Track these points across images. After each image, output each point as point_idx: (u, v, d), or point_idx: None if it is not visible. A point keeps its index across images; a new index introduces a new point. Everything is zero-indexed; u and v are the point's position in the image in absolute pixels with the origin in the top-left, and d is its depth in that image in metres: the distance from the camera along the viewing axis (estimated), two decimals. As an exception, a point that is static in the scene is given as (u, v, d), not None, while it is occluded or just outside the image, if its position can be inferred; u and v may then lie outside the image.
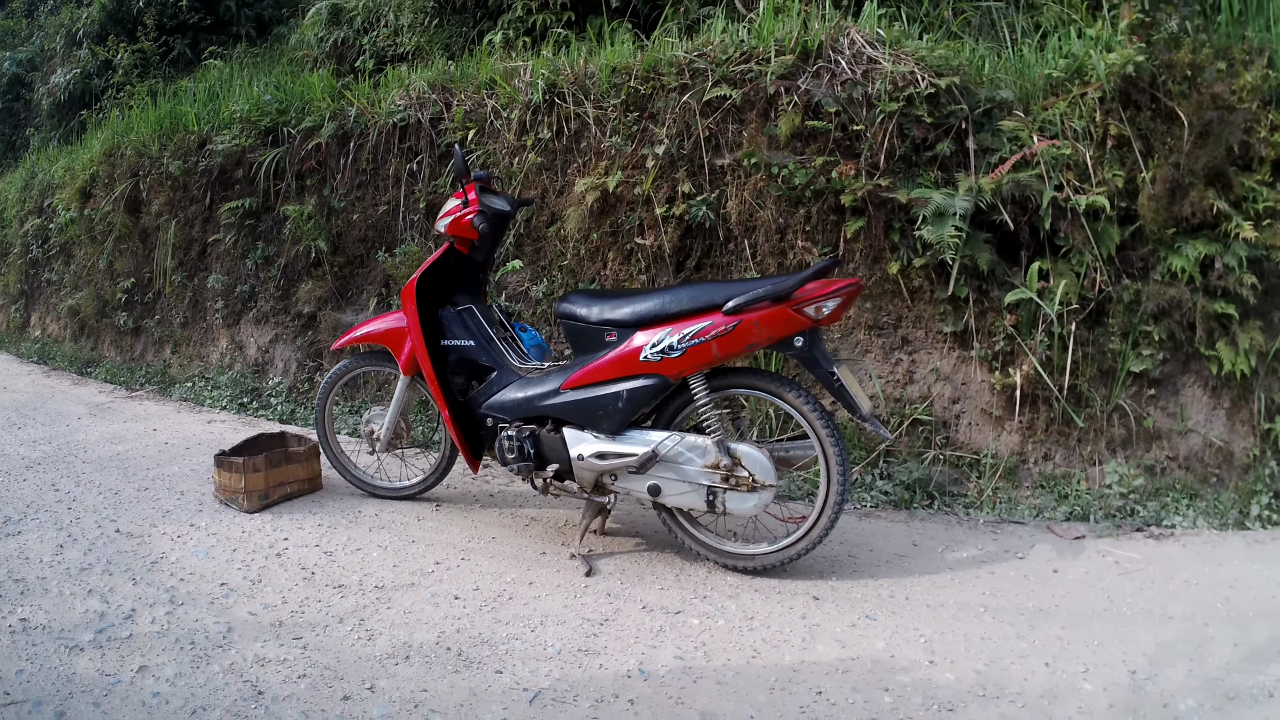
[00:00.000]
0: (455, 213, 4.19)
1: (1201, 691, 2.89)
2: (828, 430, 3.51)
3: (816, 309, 3.38)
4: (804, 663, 3.05)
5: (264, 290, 7.30)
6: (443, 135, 6.25)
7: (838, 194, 4.84)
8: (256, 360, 7.33)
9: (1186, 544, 4.14)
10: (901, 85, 4.78)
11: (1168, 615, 3.44)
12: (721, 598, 3.55)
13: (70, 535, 4.14)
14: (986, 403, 4.82)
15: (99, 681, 2.84)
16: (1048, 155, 4.61)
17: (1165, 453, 4.63)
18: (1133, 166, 4.67)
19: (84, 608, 3.37)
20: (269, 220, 7.21)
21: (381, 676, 2.92)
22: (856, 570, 3.84)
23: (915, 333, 4.93)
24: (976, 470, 4.77)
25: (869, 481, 4.78)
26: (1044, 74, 4.96)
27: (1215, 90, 4.59)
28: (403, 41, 8.22)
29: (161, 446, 5.76)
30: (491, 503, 4.68)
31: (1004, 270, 4.75)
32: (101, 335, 9.05)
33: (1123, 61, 4.62)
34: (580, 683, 2.90)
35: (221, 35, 11.02)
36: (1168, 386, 4.67)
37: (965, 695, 2.86)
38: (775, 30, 5.22)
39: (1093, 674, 2.99)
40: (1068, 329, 4.63)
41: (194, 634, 3.18)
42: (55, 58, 12.50)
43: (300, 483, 4.75)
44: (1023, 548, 4.10)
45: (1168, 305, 4.55)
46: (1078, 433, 4.71)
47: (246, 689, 2.83)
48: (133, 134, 8.60)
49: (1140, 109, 4.74)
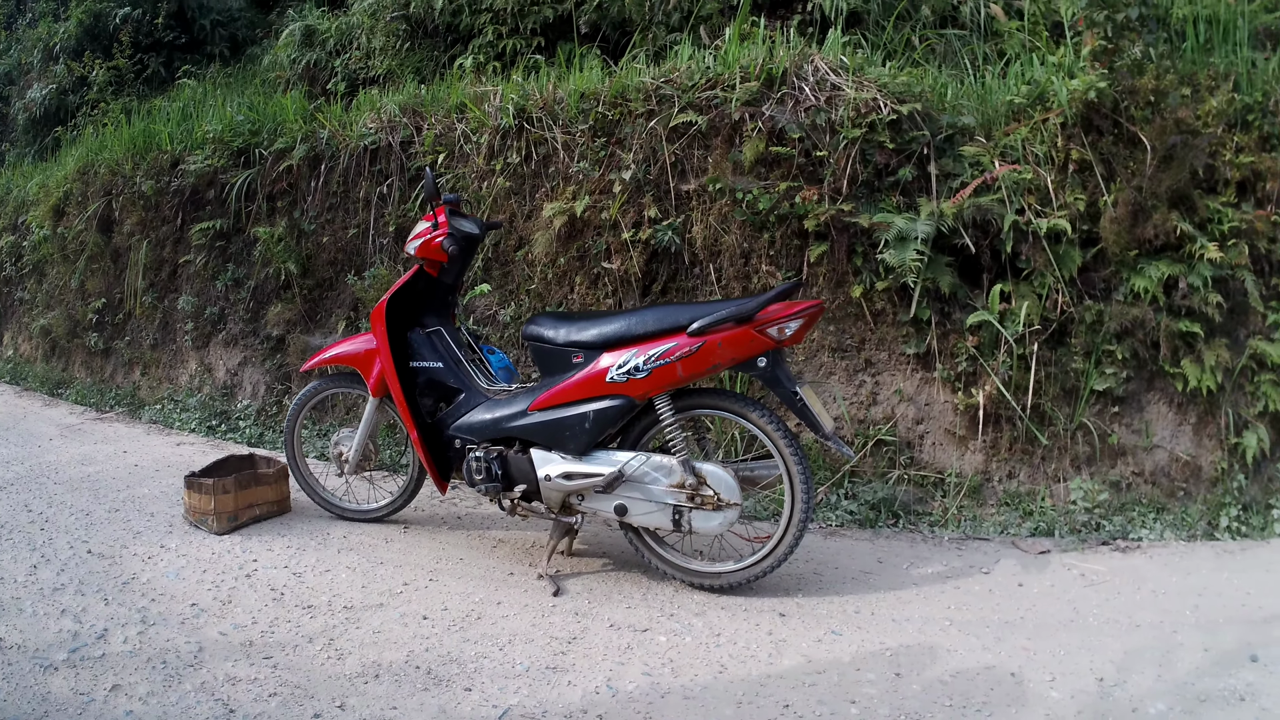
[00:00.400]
0: (425, 235, 4.22)
1: (1171, 696, 2.94)
2: (792, 449, 3.56)
3: (779, 330, 3.44)
4: (771, 677, 3.08)
5: (233, 312, 7.27)
6: (413, 159, 6.26)
7: (801, 219, 4.89)
8: (225, 383, 7.31)
9: (1153, 556, 4.21)
10: (864, 112, 4.84)
11: (1135, 624, 3.49)
12: (688, 615, 3.57)
13: (44, 556, 4.14)
14: (950, 423, 4.87)
15: (73, 700, 2.86)
16: (1009, 180, 4.68)
17: (1130, 468, 4.70)
18: (1094, 190, 4.74)
19: (58, 627, 3.38)
20: (239, 242, 7.19)
21: (351, 694, 2.94)
22: (822, 587, 3.88)
23: (878, 355, 4.98)
24: (941, 489, 4.82)
25: (834, 501, 4.81)
26: (1006, 100, 5.03)
27: (1179, 115, 4.67)
28: (374, 65, 8.22)
29: (131, 468, 5.74)
30: (459, 524, 4.69)
31: (966, 293, 4.82)
32: (73, 356, 8.99)
33: (1085, 87, 4.69)
34: (549, 700, 2.92)
35: (195, 55, 10.97)
36: (1132, 404, 4.74)
37: (932, 706, 2.90)
38: (741, 57, 5.28)
39: (1060, 682, 3.04)
40: (1030, 349, 4.69)
41: (166, 654, 3.19)
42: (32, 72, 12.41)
43: (269, 505, 4.74)
44: (988, 563, 4.14)
45: (1131, 325, 4.62)
46: (1042, 450, 4.76)
47: (218, 708, 2.84)
48: (106, 152, 8.55)
49: (1102, 134, 4.82)
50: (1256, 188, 4.75)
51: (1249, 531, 4.44)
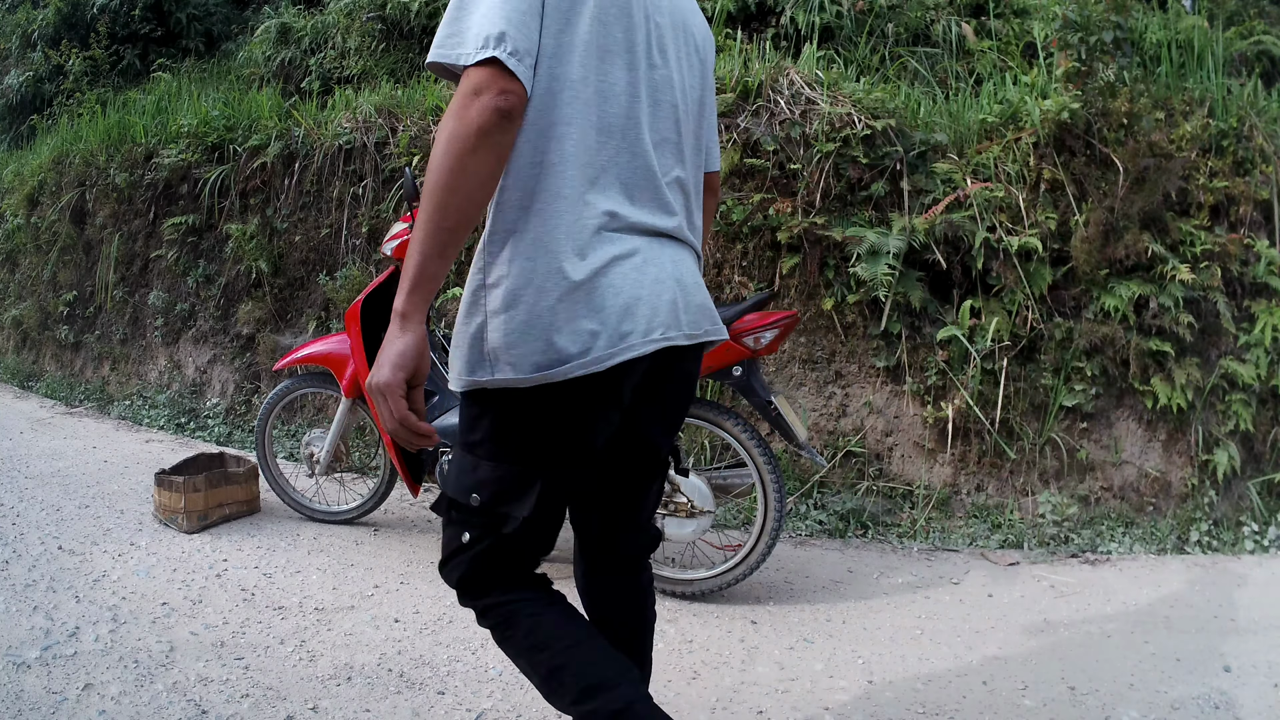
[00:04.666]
0: (402, 236, 4.18)
1: (1144, 704, 2.97)
2: (765, 458, 3.58)
3: (755, 339, 3.47)
4: (744, 684, 3.09)
5: (204, 309, 7.22)
6: (388, 160, 6.23)
7: (774, 231, 4.91)
8: (195, 380, 7.25)
9: (1123, 569, 4.24)
10: (839, 126, 4.87)
11: (1106, 634, 3.52)
12: (660, 622, 3.56)
13: (15, 551, 4.10)
14: (919, 435, 4.90)
15: (46, 699, 2.83)
16: (981, 197, 4.71)
17: (1099, 483, 4.74)
18: (1066, 209, 4.79)
19: (29, 624, 3.35)
20: (211, 238, 7.14)
21: (324, 697, 2.92)
22: (793, 596, 3.89)
23: (848, 367, 5.00)
24: (910, 501, 4.84)
25: (804, 511, 4.83)
26: (979, 119, 5.07)
27: (1153, 138, 4.71)
28: (349, 64, 8.19)
29: (101, 464, 5.69)
30: (429, 528, 4.67)
31: (936, 308, 4.85)
32: (43, 348, 8.90)
33: (1058, 108, 4.74)
34: (523, 704, 2.91)
35: (171, 48, 10.89)
36: (1101, 420, 4.78)
37: (905, 713, 2.91)
38: (716, 69, 5.28)
39: (1031, 690, 3.06)
40: (999, 365, 4.72)
41: (137, 653, 3.17)
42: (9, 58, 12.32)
43: (239, 504, 4.70)
44: (957, 574, 4.17)
45: (1100, 342, 4.66)
46: (1010, 464, 4.80)
47: (190, 708, 2.82)
48: (81, 143, 8.49)
49: (1075, 154, 4.86)
50: (1229, 212, 4.82)
51: (1220, 547, 4.49)
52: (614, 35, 1.73)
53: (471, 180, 1.57)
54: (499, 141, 1.57)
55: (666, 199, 1.86)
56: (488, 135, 1.55)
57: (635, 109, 1.78)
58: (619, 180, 1.76)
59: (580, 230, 1.69)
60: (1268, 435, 4.80)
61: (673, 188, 1.89)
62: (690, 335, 1.86)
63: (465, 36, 1.59)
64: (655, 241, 1.82)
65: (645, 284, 1.75)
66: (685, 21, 1.95)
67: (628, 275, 1.73)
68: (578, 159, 1.69)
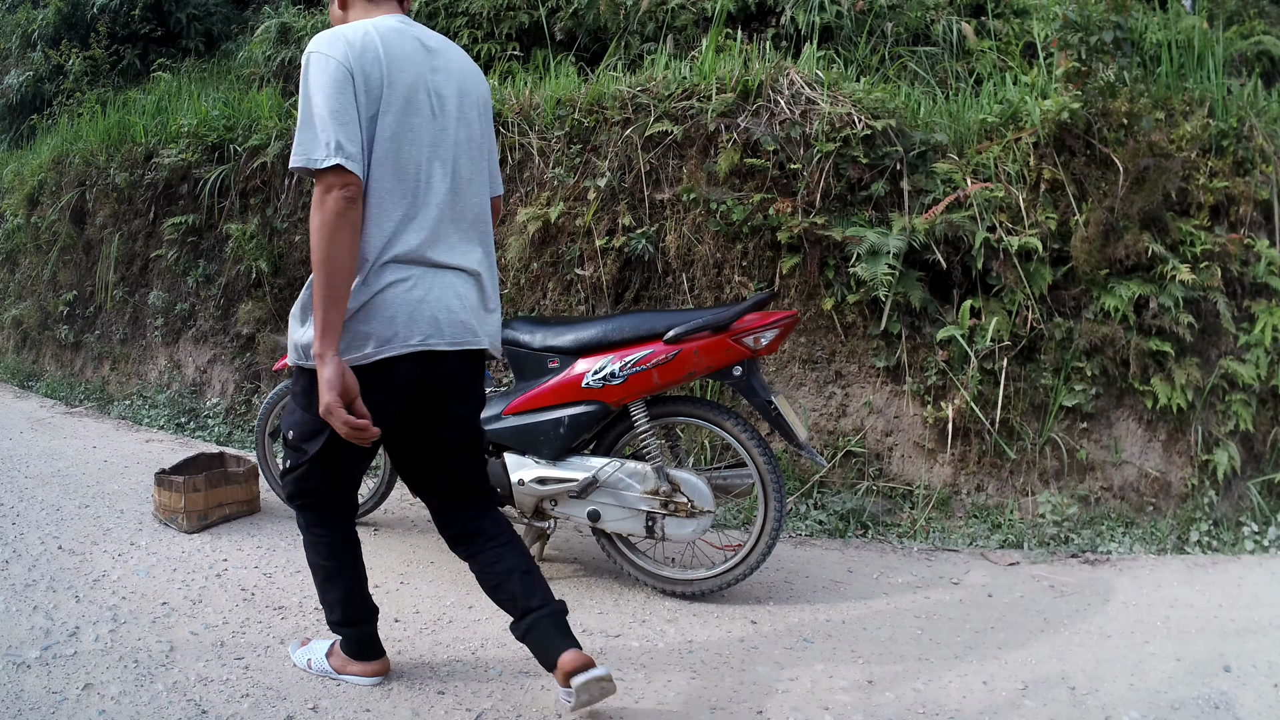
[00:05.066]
0: None
1: (1144, 704, 2.97)
2: (765, 458, 3.58)
3: (755, 339, 3.47)
4: (744, 683, 3.09)
5: (204, 309, 7.22)
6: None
7: (774, 230, 4.91)
8: (195, 380, 7.25)
9: (1123, 569, 4.24)
10: (839, 126, 4.86)
11: (1106, 634, 3.52)
12: (660, 622, 3.58)
13: (15, 551, 4.11)
14: (919, 435, 4.90)
15: (46, 699, 2.84)
16: (981, 197, 4.71)
17: (1099, 483, 4.74)
18: (1066, 209, 4.79)
19: (29, 624, 3.36)
20: (211, 238, 7.14)
21: (324, 697, 2.92)
22: (793, 596, 3.89)
23: (848, 367, 5.00)
24: (910, 501, 4.84)
25: (804, 511, 4.83)
26: (979, 119, 5.07)
27: (1153, 139, 4.71)
28: (350, 65, 8.17)
29: (101, 464, 5.70)
30: (429, 528, 4.65)
31: (936, 308, 4.85)
32: (43, 348, 8.90)
33: (1058, 108, 4.73)
34: (523, 704, 2.92)
35: (171, 48, 10.86)
36: (1101, 420, 4.78)
37: (905, 713, 2.91)
38: (717, 69, 5.29)
39: (1032, 691, 3.06)
40: (999, 365, 4.72)
41: (137, 653, 3.17)
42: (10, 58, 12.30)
43: (239, 504, 4.71)
44: (957, 574, 4.17)
45: (1100, 342, 4.66)
46: (1010, 464, 4.80)
47: (190, 708, 2.82)
48: (81, 142, 8.49)
49: (1075, 154, 4.86)
50: (1229, 212, 4.82)
51: (1220, 547, 4.49)
52: (408, 119, 2.43)
53: (340, 250, 2.27)
54: (351, 220, 2.28)
55: (450, 238, 2.54)
56: (343, 216, 2.26)
57: (426, 171, 2.47)
58: (407, 225, 2.44)
59: (369, 264, 2.39)
60: (1268, 435, 4.80)
61: (460, 226, 2.58)
62: (452, 343, 2.52)
63: (315, 145, 2.27)
64: (431, 271, 2.49)
65: (411, 303, 2.43)
66: (461, 86, 2.60)
67: (399, 296, 2.42)
68: (378, 213, 2.39)
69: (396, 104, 2.39)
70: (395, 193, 2.41)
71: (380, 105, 2.37)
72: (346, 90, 2.31)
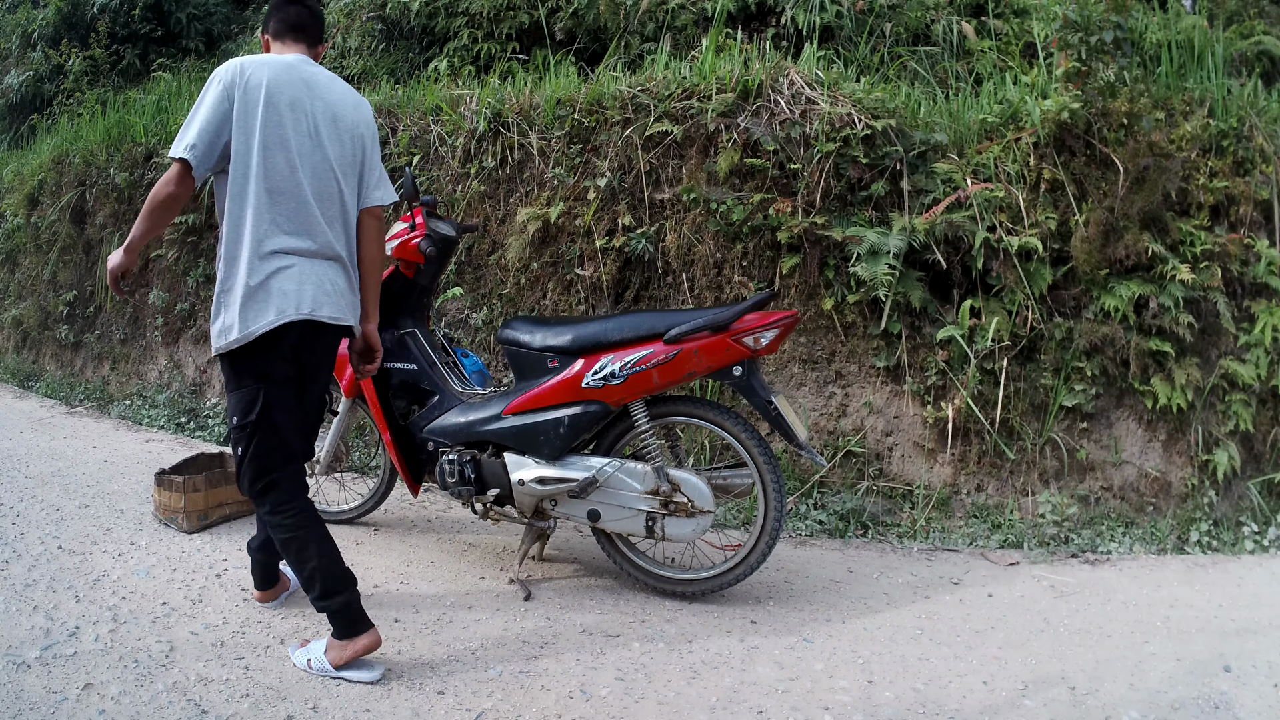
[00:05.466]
0: (402, 236, 4.17)
1: (1144, 704, 2.97)
2: (765, 457, 3.57)
3: (755, 339, 3.46)
4: (744, 684, 3.09)
5: (203, 309, 7.18)
6: (387, 159, 6.21)
7: (774, 230, 4.91)
8: (194, 380, 7.25)
9: (1123, 568, 4.25)
10: (839, 126, 4.87)
11: (1106, 634, 3.52)
12: (660, 621, 3.58)
13: (15, 551, 4.11)
14: (919, 435, 4.90)
15: (46, 699, 2.84)
16: (981, 197, 4.71)
17: (1099, 483, 4.74)
18: (1066, 209, 4.79)
19: (30, 624, 3.36)
20: (211, 238, 7.10)
21: (324, 697, 2.93)
22: (793, 596, 3.89)
23: (848, 367, 5.00)
24: (909, 501, 4.84)
25: (803, 511, 4.83)
26: (979, 119, 5.07)
27: (1153, 138, 4.71)
28: (349, 64, 8.17)
29: (101, 464, 5.69)
30: (429, 528, 4.67)
31: (936, 308, 4.85)
32: (43, 348, 8.91)
33: (1058, 108, 4.73)
34: (522, 704, 2.92)
35: (170, 48, 10.88)
36: (1101, 420, 4.78)
37: (905, 713, 2.92)
38: (717, 69, 5.28)
39: (1032, 691, 3.07)
40: (999, 365, 4.72)
41: (137, 653, 3.18)
42: (10, 58, 12.30)
43: (239, 504, 4.69)
44: (957, 574, 4.17)
45: (1100, 342, 4.67)
46: (1010, 464, 4.80)
47: (190, 708, 2.83)
48: (81, 142, 8.50)
49: (1074, 154, 4.86)
50: (1229, 211, 4.82)
51: (1220, 546, 4.49)
52: (282, 133, 2.95)
53: (157, 223, 2.99)
54: (173, 209, 2.94)
55: (322, 231, 3.04)
56: (175, 201, 2.92)
57: (297, 176, 2.97)
58: (287, 221, 2.96)
59: (256, 256, 2.91)
60: (1268, 435, 4.80)
61: (331, 223, 3.08)
62: (330, 317, 3.03)
63: (181, 139, 2.86)
64: (307, 259, 3.01)
65: (293, 285, 2.95)
66: (335, 113, 3.10)
67: (283, 280, 2.94)
68: (257, 213, 2.91)
69: (273, 122, 2.93)
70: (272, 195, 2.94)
71: (259, 121, 2.91)
72: (222, 107, 2.90)
